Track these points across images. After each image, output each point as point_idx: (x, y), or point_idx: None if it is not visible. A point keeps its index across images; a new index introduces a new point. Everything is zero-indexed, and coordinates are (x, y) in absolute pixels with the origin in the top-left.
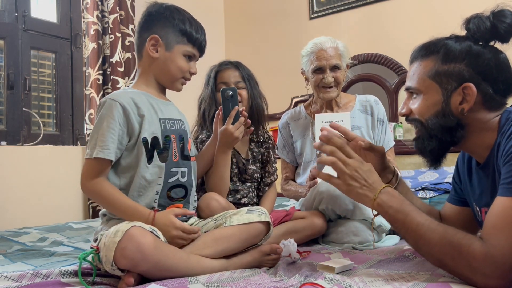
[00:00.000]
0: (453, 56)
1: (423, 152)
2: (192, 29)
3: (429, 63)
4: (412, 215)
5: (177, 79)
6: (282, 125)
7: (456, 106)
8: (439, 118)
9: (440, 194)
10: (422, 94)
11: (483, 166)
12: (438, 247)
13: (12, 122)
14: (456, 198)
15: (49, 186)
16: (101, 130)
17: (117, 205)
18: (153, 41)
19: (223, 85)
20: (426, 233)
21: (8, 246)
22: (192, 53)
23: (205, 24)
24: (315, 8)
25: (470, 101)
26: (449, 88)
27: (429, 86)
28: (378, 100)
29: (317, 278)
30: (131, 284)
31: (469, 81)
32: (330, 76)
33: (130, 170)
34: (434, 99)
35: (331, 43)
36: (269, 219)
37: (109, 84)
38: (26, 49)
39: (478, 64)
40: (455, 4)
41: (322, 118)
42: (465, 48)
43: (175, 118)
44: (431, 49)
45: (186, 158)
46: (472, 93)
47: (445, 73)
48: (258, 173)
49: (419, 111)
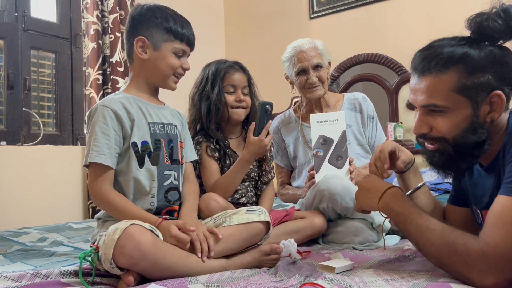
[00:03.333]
0: (478, 66)
1: (444, 166)
2: (177, 25)
3: (452, 77)
4: (411, 217)
5: (168, 77)
6: (273, 130)
7: (485, 116)
8: (470, 133)
9: (440, 194)
10: (449, 111)
11: (488, 168)
12: (436, 246)
13: (12, 122)
14: (455, 198)
15: (49, 186)
16: (94, 136)
17: (125, 214)
18: (140, 43)
19: (231, 87)
20: (424, 234)
21: (8, 246)
22: (181, 49)
23: (205, 24)
24: (315, 8)
25: (500, 109)
26: (479, 100)
27: (458, 102)
28: (366, 97)
29: (317, 278)
30: (130, 283)
31: (497, 89)
32: (314, 76)
33: (122, 174)
34: (464, 114)
35: (309, 43)
36: (268, 218)
37: (109, 84)
38: (26, 49)
39: (503, 71)
40: (455, 4)
41: (317, 118)
42: (490, 55)
43: (166, 122)
44: (450, 60)
45: (175, 163)
46: (502, 101)
47: (473, 85)
48: (255, 172)
49: (447, 129)
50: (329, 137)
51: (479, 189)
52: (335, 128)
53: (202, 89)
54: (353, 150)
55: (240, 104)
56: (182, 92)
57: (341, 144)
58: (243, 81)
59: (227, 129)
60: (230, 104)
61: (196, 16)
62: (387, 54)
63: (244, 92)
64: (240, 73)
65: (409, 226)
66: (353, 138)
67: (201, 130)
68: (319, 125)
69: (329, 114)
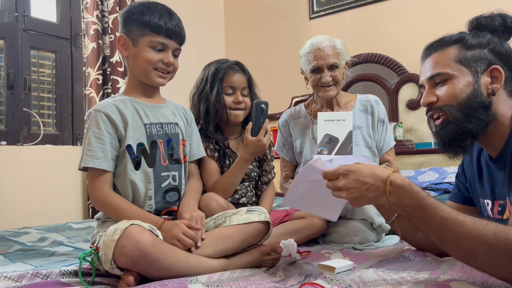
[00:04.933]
0: (476, 43)
1: (451, 139)
2: (153, 17)
3: (452, 51)
4: (431, 210)
5: (148, 72)
6: (281, 123)
7: (486, 87)
8: (474, 97)
9: (440, 194)
10: (452, 78)
11: (497, 159)
12: (470, 239)
13: (12, 122)
14: (459, 196)
15: (49, 186)
16: (87, 141)
17: (127, 215)
18: (121, 41)
19: (229, 89)
20: (453, 227)
21: (8, 246)
22: (159, 42)
23: (205, 24)
24: (315, 8)
25: (500, 81)
26: (479, 70)
27: (459, 70)
28: (379, 100)
29: (317, 278)
30: (131, 283)
31: (495, 64)
32: (328, 76)
33: (119, 177)
34: (466, 81)
35: (328, 42)
36: (268, 219)
37: (109, 84)
38: (26, 49)
39: (500, 51)
40: (456, 4)
41: (324, 117)
42: (487, 36)
43: (165, 121)
44: (449, 40)
45: (177, 162)
46: (501, 74)
47: (472, 57)
48: (255, 172)
49: (451, 95)
50: (335, 136)
51: (489, 181)
52: (342, 127)
53: (201, 89)
54: (360, 152)
55: (239, 106)
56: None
57: (346, 145)
58: (243, 82)
59: (226, 129)
60: (228, 105)
61: (196, 16)
62: (387, 54)
63: (243, 93)
64: (239, 74)
65: (430, 220)
66: (361, 140)
67: (201, 130)
68: (326, 124)
69: (337, 114)
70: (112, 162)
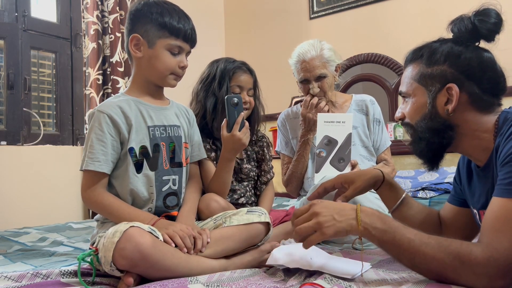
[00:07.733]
0: (435, 58)
1: (418, 155)
2: (172, 20)
3: (415, 67)
4: (400, 232)
5: (165, 76)
6: (280, 123)
7: (442, 107)
8: (426, 120)
9: (440, 194)
10: (411, 97)
11: (484, 169)
12: (436, 261)
13: (12, 122)
14: (456, 198)
15: (49, 186)
16: (90, 142)
17: (119, 213)
18: (135, 41)
19: (237, 88)
20: (421, 249)
21: (8, 246)
22: (177, 46)
23: (205, 24)
24: (315, 8)
25: (454, 101)
26: (434, 89)
27: (416, 89)
28: (374, 100)
29: (317, 278)
30: (130, 284)
31: (452, 82)
32: (315, 87)
33: (119, 180)
34: (421, 102)
35: (314, 51)
36: (269, 219)
37: (109, 84)
38: (26, 49)
39: (460, 64)
40: (455, 4)
41: (324, 118)
42: (446, 49)
43: (169, 124)
44: (417, 53)
45: (178, 165)
46: (455, 93)
47: (429, 75)
48: (254, 172)
49: (409, 115)
50: (334, 138)
51: (476, 189)
52: (341, 129)
53: (208, 85)
54: (357, 151)
55: (245, 105)
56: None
57: (345, 147)
58: (250, 83)
59: None
60: None
61: (196, 16)
62: (387, 54)
63: (249, 94)
64: (247, 75)
65: (399, 242)
66: (358, 140)
67: (202, 129)
68: (326, 125)
69: (337, 115)
70: (112, 164)
